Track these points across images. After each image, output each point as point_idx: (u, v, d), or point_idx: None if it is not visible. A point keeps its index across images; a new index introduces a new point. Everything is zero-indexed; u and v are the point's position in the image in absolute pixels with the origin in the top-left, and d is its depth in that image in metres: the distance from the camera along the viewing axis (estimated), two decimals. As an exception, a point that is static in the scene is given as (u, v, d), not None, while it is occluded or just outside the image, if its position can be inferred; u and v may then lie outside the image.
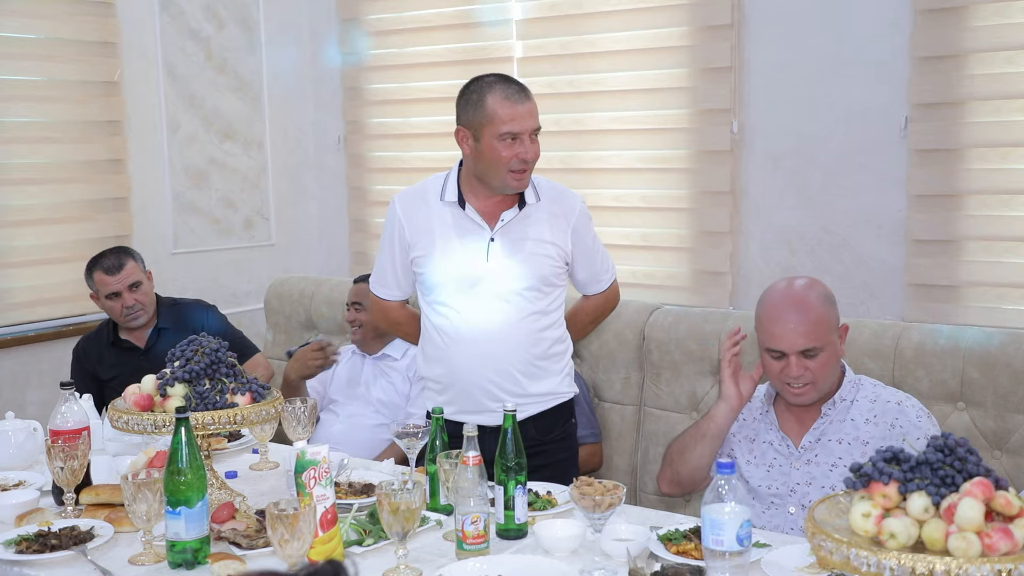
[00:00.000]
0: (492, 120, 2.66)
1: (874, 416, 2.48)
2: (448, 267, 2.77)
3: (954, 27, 3.51)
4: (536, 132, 2.71)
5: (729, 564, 1.88)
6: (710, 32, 3.96)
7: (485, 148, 2.68)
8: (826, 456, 2.47)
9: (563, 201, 2.84)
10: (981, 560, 1.53)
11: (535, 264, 2.76)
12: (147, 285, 3.71)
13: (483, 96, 2.68)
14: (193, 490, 2.12)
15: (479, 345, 2.77)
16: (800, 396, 2.49)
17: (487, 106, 2.66)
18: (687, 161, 4.11)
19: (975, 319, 3.51)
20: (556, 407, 2.87)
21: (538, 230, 2.78)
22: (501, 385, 2.78)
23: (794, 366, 2.44)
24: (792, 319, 2.44)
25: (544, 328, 2.81)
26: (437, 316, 2.82)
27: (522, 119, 2.66)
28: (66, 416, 2.54)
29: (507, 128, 2.65)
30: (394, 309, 3.00)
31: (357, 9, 4.92)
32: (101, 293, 3.66)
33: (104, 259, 3.67)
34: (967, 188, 3.57)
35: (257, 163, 4.93)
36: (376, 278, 2.97)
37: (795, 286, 2.52)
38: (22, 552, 2.20)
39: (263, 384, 2.51)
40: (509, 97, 2.67)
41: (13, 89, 4.17)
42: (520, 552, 2.19)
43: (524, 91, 2.71)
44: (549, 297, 2.81)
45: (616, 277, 3.02)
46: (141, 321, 3.70)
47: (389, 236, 2.88)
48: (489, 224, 2.76)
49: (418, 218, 2.82)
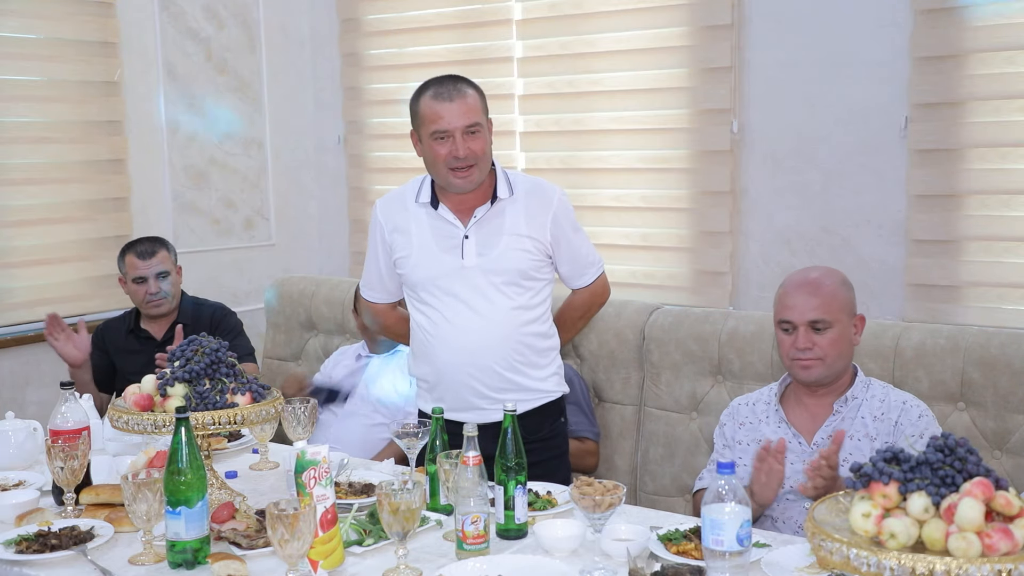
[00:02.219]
0: (424, 121, 2.74)
1: (882, 414, 2.53)
2: (426, 266, 2.81)
3: (954, 27, 3.51)
4: (471, 128, 2.71)
5: (729, 564, 1.88)
6: (710, 32, 3.96)
7: (426, 148, 2.77)
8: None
9: (540, 194, 2.85)
10: (981, 560, 1.53)
11: (512, 258, 2.78)
12: (175, 278, 3.78)
13: (418, 98, 2.77)
14: (193, 490, 2.12)
15: (460, 342, 2.79)
16: (808, 371, 2.54)
17: (419, 107, 2.75)
18: (687, 161, 4.10)
19: (975, 319, 3.51)
20: (544, 406, 2.87)
21: (514, 223, 2.79)
22: (485, 381, 2.79)
23: (802, 337, 2.52)
24: (804, 291, 2.57)
25: (527, 323, 2.81)
26: (420, 315, 2.86)
27: (449, 117, 2.70)
28: (66, 416, 2.54)
29: (435, 127, 2.71)
30: (383, 312, 3.07)
31: (357, 9, 4.92)
32: (129, 276, 3.72)
33: (139, 244, 3.76)
34: (967, 188, 3.56)
35: (257, 163, 4.93)
36: (365, 282, 3.04)
37: (813, 269, 2.69)
38: (22, 552, 2.20)
39: (263, 384, 2.51)
40: (438, 96, 2.72)
41: (13, 89, 4.17)
42: (520, 552, 2.19)
43: (458, 88, 2.72)
44: (530, 292, 2.82)
45: (604, 271, 3.01)
46: (162, 310, 3.74)
47: (373, 240, 2.96)
48: (462, 221, 2.80)
49: (397, 220, 2.87)
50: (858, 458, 2.41)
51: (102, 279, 4.33)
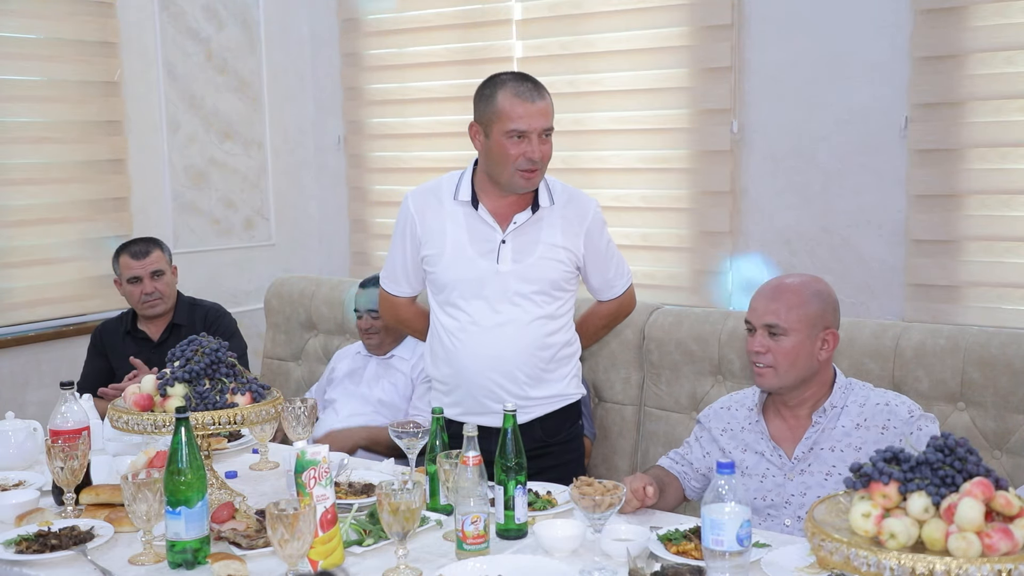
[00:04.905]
0: (501, 116, 2.66)
1: (864, 420, 2.45)
2: (458, 268, 2.76)
3: (954, 27, 3.51)
4: (547, 132, 2.70)
5: (729, 564, 1.88)
6: (710, 32, 3.96)
7: (494, 145, 2.68)
8: (820, 465, 2.44)
9: (577, 205, 2.82)
10: (981, 560, 1.53)
11: (546, 268, 2.75)
12: (169, 277, 3.78)
13: (495, 92, 2.68)
14: (193, 490, 2.12)
15: (486, 347, 2.76)
16: (760, 377, 2.48)
17: (497, 102, 2.67)
18: (687, 161, 4.11)
19: (975, 319, 3.51)
20: (563, 408, 2.86)
21: (550, 234, 2.77)
22: (507, 388, 2.77)
23: (757, 339, 2.47)
24: (768, 294, 2.50)
25: (552, 332, 2.80)
26: (446, 316, 2.82)
27: (531, 117, 2.65)
28: (66, 416, 2.54)
29: (514, 125, 2.65)
30: (403, 306, 3.01)
31: (357, 9, 4.92)
32: (124, 277, 3.72)
33: (133, 244, 3.77)
34: (967, 188, 3.57)
35: (257, 163, 4.93)
36: (386, 273, 2.98)
37: (795, 276, 2.59)
38: (22, 552, 2.20)
39: (263, 384, 2.51)
40: (520, 95, 2.66)
41: (13, 89, 4.17)
42: (520, 552, 2.19)
43: (538, 90, 2.70)
44: (558, 301, 2.80)
45: (632, 282, 3.00)
46: (158, 310, 3.74)
47: (401, 233, 2.88)
48: (501, 226, 2.76)
49: (430, 216, 2.81)
50: (842, 470, 2.34)
51: (102, 279, 4.32)
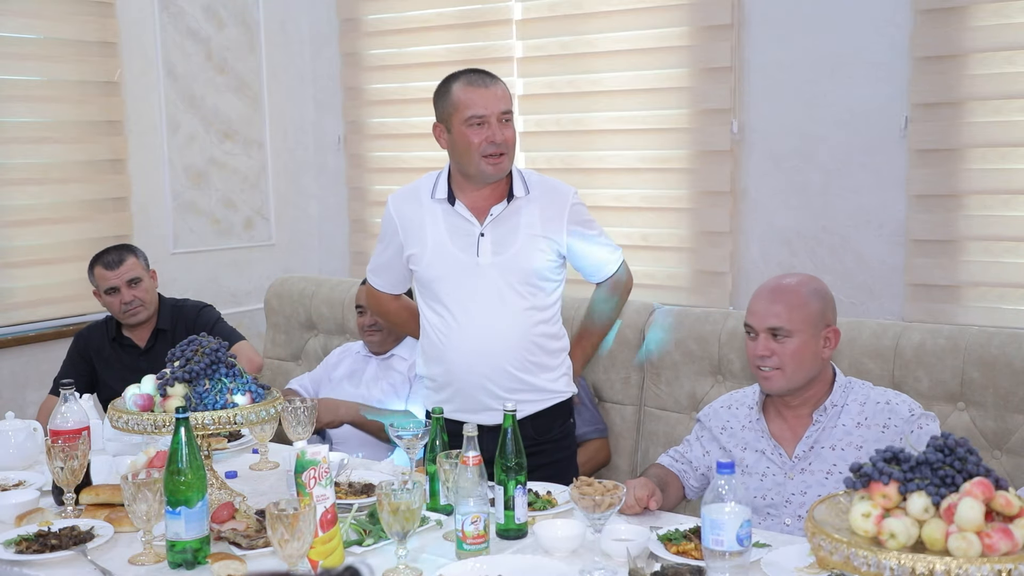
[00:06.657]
0: (458, 107, 2.72)
1: (864, 419, 2.44)
2: (440, 264, 2.79)
3: (954, 27, 3.51)
4: (506, 117, 2.72)
5: (729, 564, 1.88)
6: (710, 32, 3.96)
7: (457, 137, 2.73)
8: (820, 464, 2.44)
9: (555, 194, 2.84)
10: (981, 560, 1.53)
11: (527, 257, 2.77)
12: (148, 283, 3.69)
13: (449, 87, 2.75)
14: (193, 490, 2.12)
15: (474, 343, 2.77)
16: (767, 381, 2.46)
17: (453, 94, 2.73)
18: (687, 161, 4.10)
19: (975, 319, 3.51)
20: (554, 407, 2.87)
21: (529, 222, 2.79)
22: (498, 382, 2.78)
23: (761, 344, 2.45)
24: (768, 297, 2.48)
25: (539, 323, 2.81)
26: (432, 314, 2.84)
27: (486, 101, 2.70)
28: (66, 416, 2.54)
29: (471, 112, 2.69)
30: (386, 300, 3.07)
31: (357, 9, 4.92)
32: (101, 288, 3.65)
33: (106, 255, 3.66)
34: (967, 188, 3.56)
35: (257, 163, 4.93)
36: (372, 268, 3.04)
37: (792, 276, 2.58)
38: (22, 552, 2.20)
39: (263, 384, 2.51)
40: (472, 82, 2.73)
41: (13, 89, 4.17)
42: (520, 552, 2.19)
43: (491, 77, 2.76)
44: (543, 292, 2.81)
45: (624, 258, 3.00)
46: (140, 318, 3.67)
47: (384, 234, 2.94)
48: (479, 219, 2.78)
49: (411, 216, 2.85)
50: (843, 469, 2.34)
51: (102, 279, 4.33)
